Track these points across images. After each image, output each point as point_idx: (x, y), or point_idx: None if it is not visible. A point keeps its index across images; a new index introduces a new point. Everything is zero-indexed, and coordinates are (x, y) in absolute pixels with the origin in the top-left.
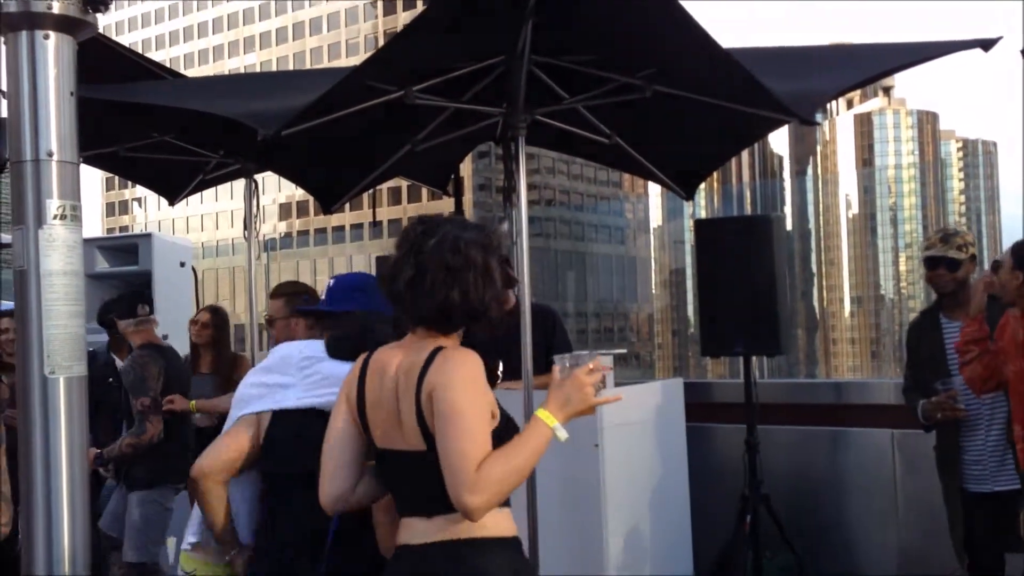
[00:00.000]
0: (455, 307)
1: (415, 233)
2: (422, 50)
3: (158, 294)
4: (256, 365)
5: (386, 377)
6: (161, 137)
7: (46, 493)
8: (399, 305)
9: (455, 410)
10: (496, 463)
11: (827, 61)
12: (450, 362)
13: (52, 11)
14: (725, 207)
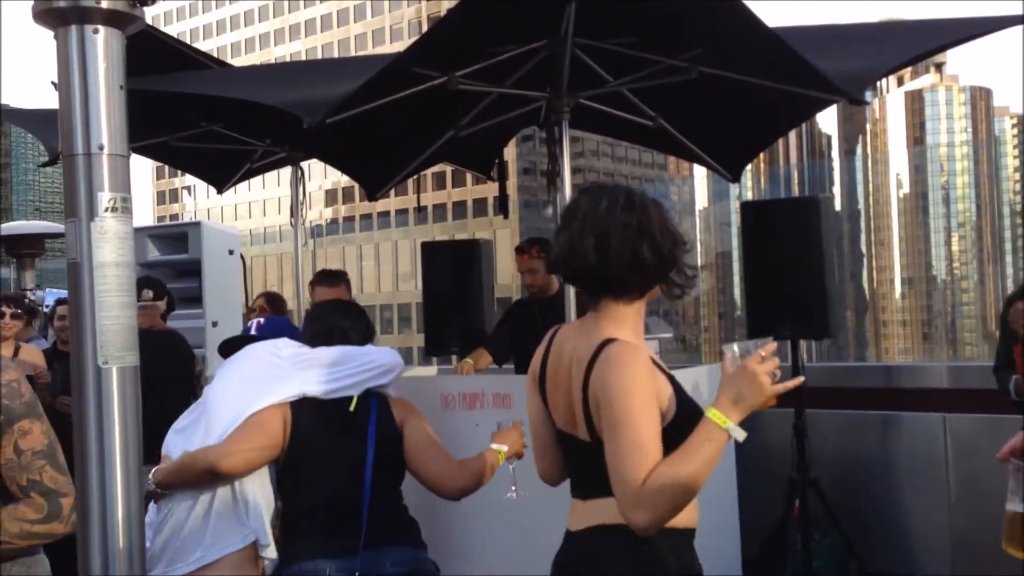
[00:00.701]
0: (647, 263)
1: (584, 203)
2: (465, 35)
3: (207, 281)
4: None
5: (562, 359)
6: (209, 127)
7: (101, 483)
8: (583, 280)
9: (620, 422)
10: (664, 477)
11: (875, 39)
12: (613, 364)
13: (101, 5)
14: (772, 188)
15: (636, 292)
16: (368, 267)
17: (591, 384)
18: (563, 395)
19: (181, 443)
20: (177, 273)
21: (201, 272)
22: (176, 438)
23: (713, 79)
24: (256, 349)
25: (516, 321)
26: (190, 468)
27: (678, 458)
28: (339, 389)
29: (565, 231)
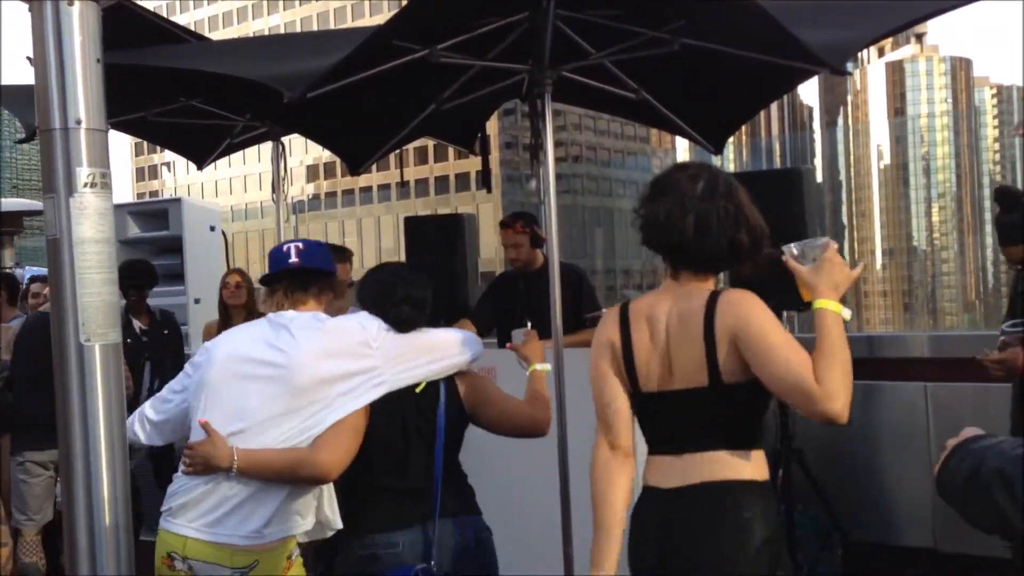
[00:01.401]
0: (744, 245)
1: (681, 181)
2: (446, 8)
3: (189, 258)
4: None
5: (656, 324)
6: (188, 101)
7: (85, 460)
8: (677, 252)
9: (774, 342)
10: (829, 367)
11: (857, 9)
12: (743, 304)
13: None
14: (754, 160)
15: (719, 270)
16: (351, 243)
17: (717, 330)
18: (664, 354)
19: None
20: (158, 250)
21: (183, 249)
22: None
23: (696, 51)
24: (345, 325)
25: (500, 294)
26: (287, 467)
27: (826, 350)
28: (422, 377)
29: (659, 203)
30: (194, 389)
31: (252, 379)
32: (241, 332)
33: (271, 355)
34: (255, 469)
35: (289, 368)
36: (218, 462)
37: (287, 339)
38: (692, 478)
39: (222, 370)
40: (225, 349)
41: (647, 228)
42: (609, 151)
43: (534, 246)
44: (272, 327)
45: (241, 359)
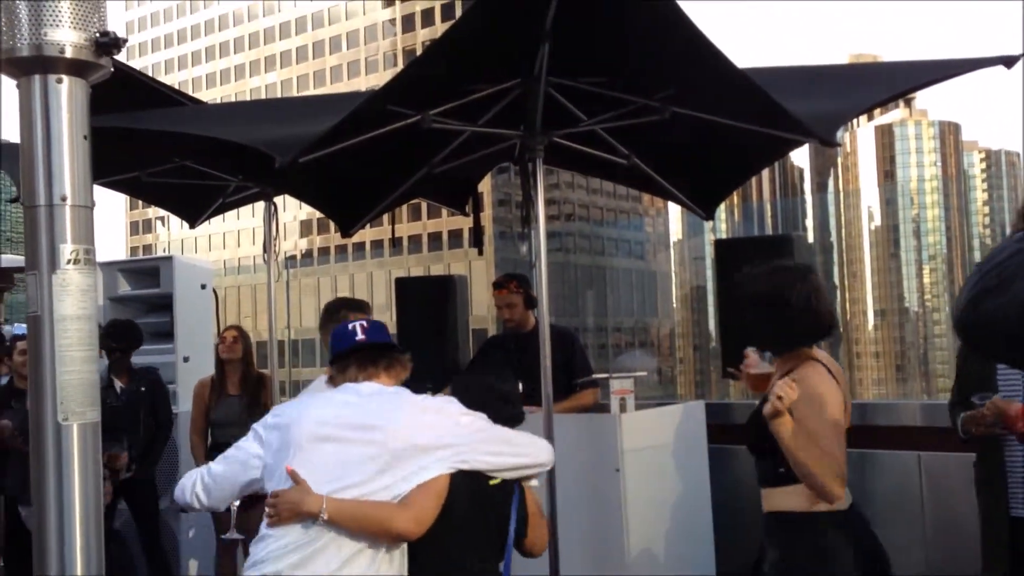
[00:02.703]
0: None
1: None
2: (439, 74)
3: (179, 316)
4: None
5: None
6: (181, 162)
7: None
8: (789, 325)
9: None
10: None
11: (848, 80)
12: None
13: (65, 55)
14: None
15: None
16: None
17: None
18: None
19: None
20: (149, 307)
21: (173, 307)
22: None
23: (686, 119)
24: (439, 400)
25: (491, 356)
26: (376, 519)
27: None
28: (501, 466)
29: (782, 286)
30: (275, 450)
31: (346, 442)
32: (327, 398)
33: (367, 420)
34: (343, 517)
35: (386, 433)
36: (308, 507)
37: (382, 407)
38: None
39: (313, 432)
40: (314, 413)
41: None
42: (602, 210)
43: (527, 307)
44: (360, 396)
45: (334, 423)
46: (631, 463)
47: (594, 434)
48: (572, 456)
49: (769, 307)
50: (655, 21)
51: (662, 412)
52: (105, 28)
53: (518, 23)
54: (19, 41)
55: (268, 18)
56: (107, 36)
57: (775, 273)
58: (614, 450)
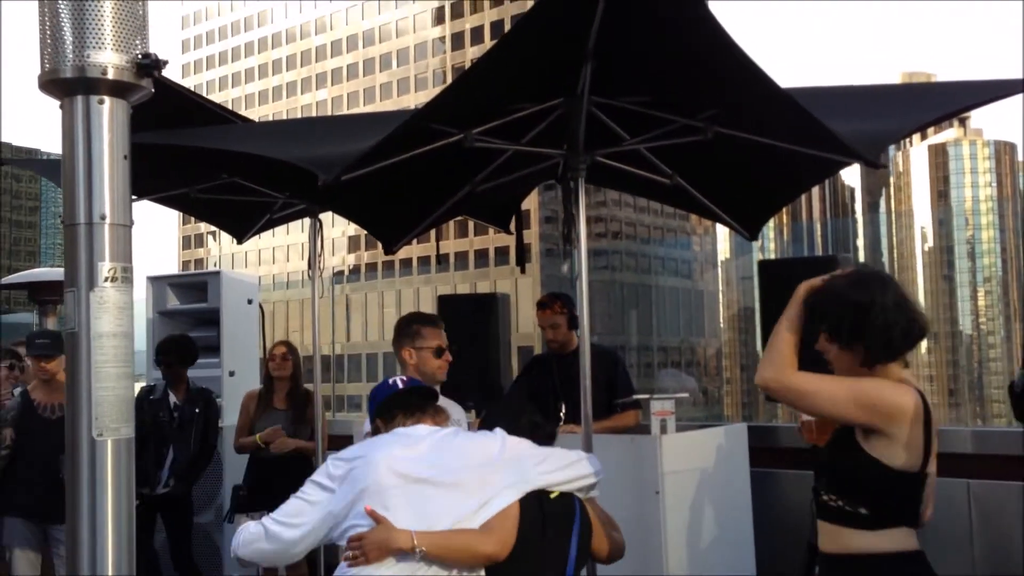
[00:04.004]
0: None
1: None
2: (482, 93)
3: (225, 331)
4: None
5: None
6: (230, 179)
7: (92, 558)
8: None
9: None
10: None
11: (894, 100)
12: None
13: (107, 76)
14: (795, 244)
15: None
16: (389, 313)
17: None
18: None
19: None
20: (196, 322)
21: (220, 321)
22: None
23: (730, 139)
24: (489, 434)
25: (534, 376)
26: (464, 545)
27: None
28: (560, 481)
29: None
30: (345, 498)
31: (421, 482)
32: (388, 442)
33: (435, 459)
34: (434, 547)
35: (456, 468)
36: (398, 543)
37: (443, 445)
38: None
39: (385, 478)
40: (382, 458)
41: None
42: (649, 228)
43: (571, 327)
44: (418, 438)
45: (404, 466)
46: (671, 485)
47: (634, 455)
48: (612, 477)
49: (856, 314)
50: (698, 41)
51: (704, 434)
52: (147, 50)
53: (561, 42)
54: (63, 63)
55: (320, 36)
56: (148, 58)
57: (860, 279)
58: (654, 472)
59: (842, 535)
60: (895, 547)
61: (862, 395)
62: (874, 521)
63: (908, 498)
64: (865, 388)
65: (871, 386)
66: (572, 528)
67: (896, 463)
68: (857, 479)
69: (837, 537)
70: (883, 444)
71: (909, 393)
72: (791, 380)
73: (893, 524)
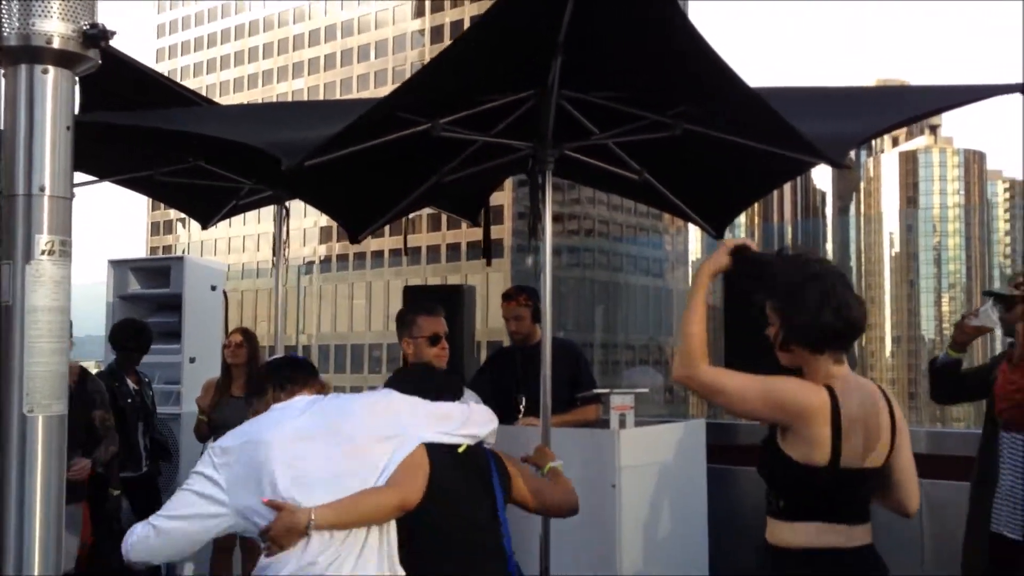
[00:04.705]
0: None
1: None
2: (451, 83)
3: (187, 317)
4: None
5: (866, 408)
6: (195, 162)
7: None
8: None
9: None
10: None
11: (862, 103)
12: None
13: (52, 45)
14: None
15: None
16: (359, 305)
17: (897, 420)
18: (866, 436)
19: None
20: (158, 307)
21: (182, 307)
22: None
23: (698, 136)
24: (375, 394)
25: (497, 369)
26: (366, 507)
27: None
28: (462, 437)
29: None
30: (242, 485)
31: (320, 456)
32: (271, 420)
33: (327, 425)
34: (341, 515)
35: (348, 431)
36: (305, 521)
37: (330, 410)
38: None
39: (284, 452)
40: (271, 436)
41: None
42: (621, 226)
43: (535, 320)
44: (300, 409)
45: (296, 437)
46: (628, 479)
47: (592, 449)
48: (569, 470)
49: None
50: (668, 38)
51: (662, 429)
52: (95, 20)
53: (531, 34)
54: (7, 30)
55: (298, 25)
56: (95, 28)
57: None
58: (611, 466)
59: (770, 525)
60: (806, 543)
61: (771, 393)
62: (790, 513)
63: (819, 493)
64: (776, 386)
65: (782, 385)
66: (491, 472)
67: (803, 459)
68: (773, 472)
69: (769, 527)
70: (792, 440)
71: (818, 392)
72: (702, 376)
73: (807, 517)
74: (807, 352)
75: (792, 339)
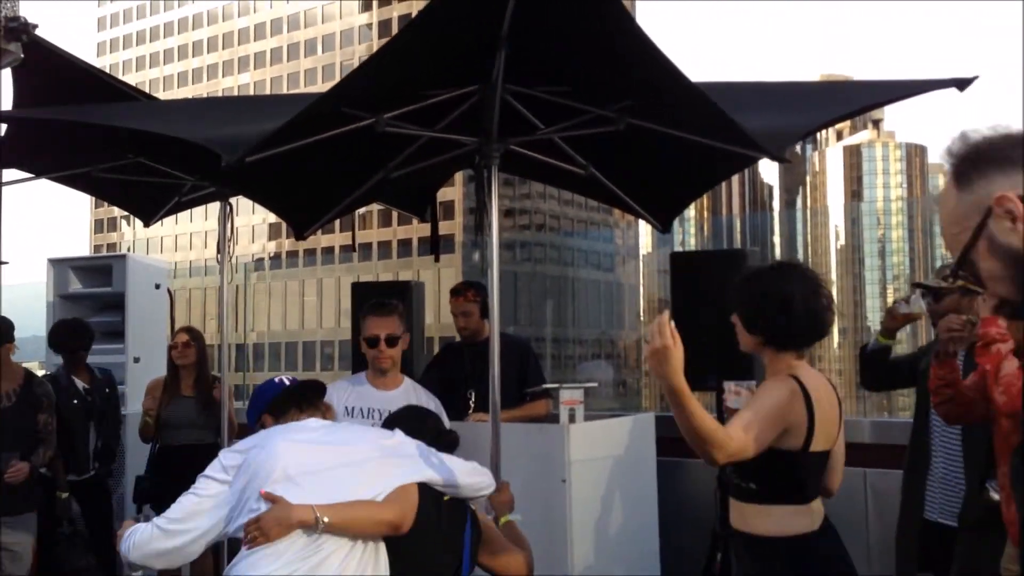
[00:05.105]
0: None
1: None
2: (394, 76)
3: (130, 316)
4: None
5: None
6: (135, 158)
7: None
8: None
9: None
10: None
11: (804, 97)
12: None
13: None
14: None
15: None
16: (310, 303)
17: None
18: (829, 421)
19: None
20: (100, 306)
21: (124, 306)
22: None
23: (642, 131)
24: (382, 434)
25: (446, 365)
26: (364, 516)
27: None
28: (453, 488)
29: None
30: (240, 484)
31: (324, 463)
32: (283, 429)
33: (335, 442)
34: (338, 516)
35: (355, 450)
36: (300, 516)
37: (341, 432)
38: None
39: (287, 459)
40: (281, 447)
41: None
42: (572, 221)
43: (483, 316)
44: (314, 429)
45: (303, 446)
46: (578, 474)
47: (542, 444)
48: (519, 466)
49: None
50: (611, 32)
51: (611, 424)
52: (15, 14)
53: (475, 27)
54: None
55: (243, 18)
56: (16, 21)
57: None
58: (561, 461)
59: (741, 511)
60: (781, 530)
61: (770, 414)
62: (762, 496)
63: (792, 476)
64: (767, 406)
65: (768, 401)
66: (465, 526)
67: (778, 444)
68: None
69: (738, 513)
70: None
71: (788, 383)
72: (736, 448)
73: (781, 501)
74: (771, 350)
75: (757, 335)
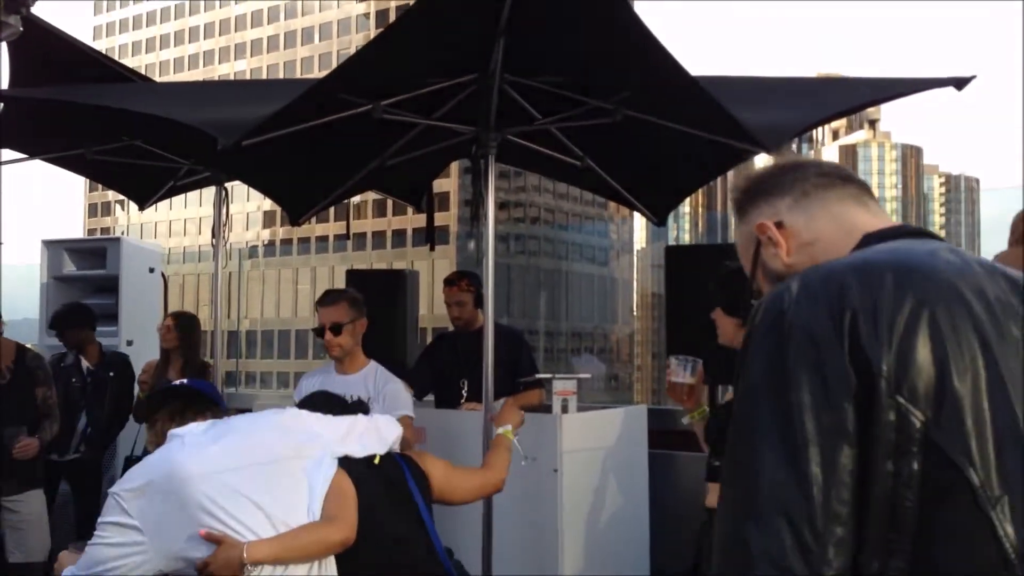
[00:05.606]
0: None
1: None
2: (392, 64)
3: (124, 299)
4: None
5: None
6: (131, 141)
7: None
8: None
9: None
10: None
11: (801, 93)
12: None
13: None
14: (709, 233)
15: None
16: (303, 290)
17: None
18: None
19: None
20: (94, 288)
21: (119, 289)
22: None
23: (640, 123)
24: (292, 410)
25: (438, 355)
26: (310, 545)
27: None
28: (372, 448)
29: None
30: (160, 522)
31: (241, 476)
32: (174, 450)
33: (241, 448)
34: (283, 551)
35: (261, 449)
36: (250, 558)
37: (236, 432)
38: None
39: (207, 484)
40: (192, 468)
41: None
42: (567, 214)
43: (477, 306)
44: (204, 434)
45: (213, 463)
46: (570, 464)
47: (534, 434)
48: (512, 456)
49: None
50: (609, 23)
51: (603, 415)
52: None
53: (473, 17)
54: None
55: (240, 5)
56: None
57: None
58: (553, 451)
59: (715, 490)
60: None
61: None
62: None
63: None
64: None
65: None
66: (407, 482)
67: None
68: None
69: (711, 493)
70: None
71: None
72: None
73: None
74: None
75: (739, 316)
